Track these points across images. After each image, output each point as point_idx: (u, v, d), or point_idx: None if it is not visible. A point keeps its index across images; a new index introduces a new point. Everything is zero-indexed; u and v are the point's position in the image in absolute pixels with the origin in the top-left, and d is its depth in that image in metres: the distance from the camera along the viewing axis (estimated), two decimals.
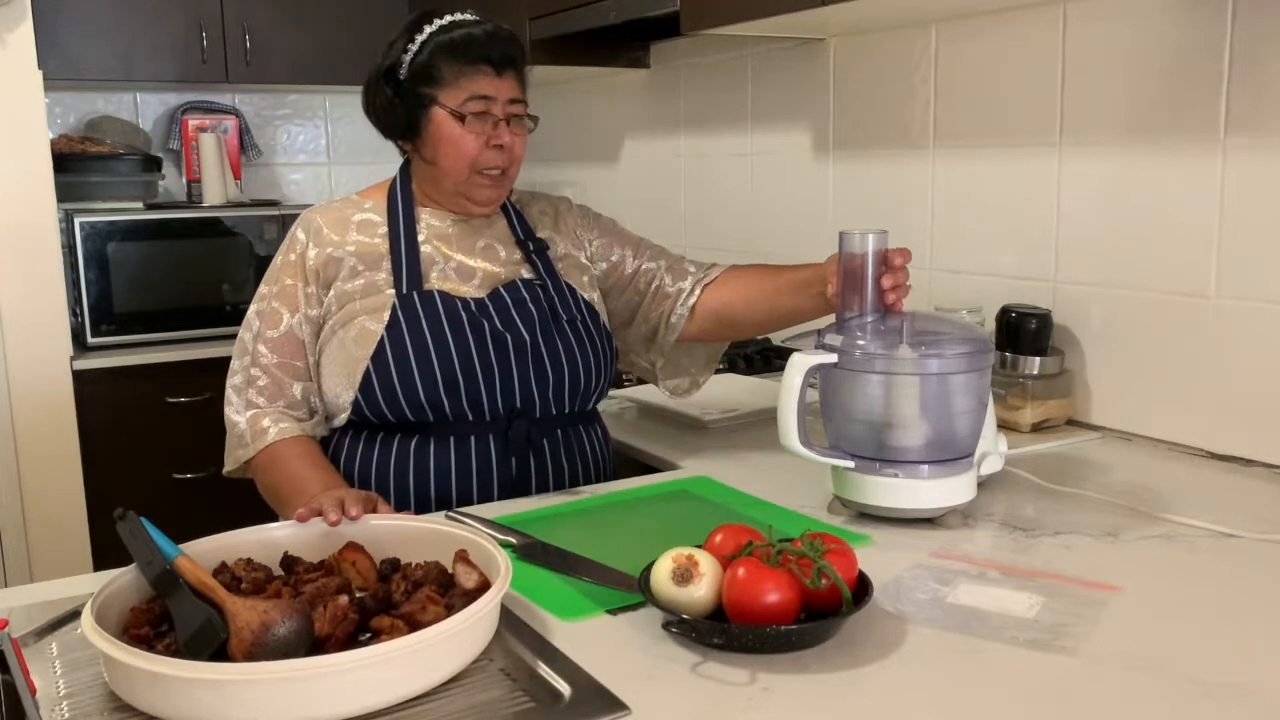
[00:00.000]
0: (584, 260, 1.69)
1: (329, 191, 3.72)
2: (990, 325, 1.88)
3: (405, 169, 1.64)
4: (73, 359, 2.80)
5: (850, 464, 1.36)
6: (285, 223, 3.03)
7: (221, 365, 1.61)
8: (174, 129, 3.43)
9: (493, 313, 1.54)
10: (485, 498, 1.53)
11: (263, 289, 1.60)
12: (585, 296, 1.63)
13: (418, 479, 1.53)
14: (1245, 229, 1.62)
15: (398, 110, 1.55)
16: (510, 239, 1.63)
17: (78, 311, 2.90)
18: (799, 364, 1.34)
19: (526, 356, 1.53)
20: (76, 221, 2.85)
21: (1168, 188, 1.71)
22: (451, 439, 1.53)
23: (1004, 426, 1.73)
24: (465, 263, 1.58)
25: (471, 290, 1.56)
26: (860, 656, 1.01)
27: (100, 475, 2.83)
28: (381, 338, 1.49)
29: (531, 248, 1.63)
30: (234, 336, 1.61)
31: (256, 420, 1.53)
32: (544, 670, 0.98)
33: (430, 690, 0.94)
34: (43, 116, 2.72)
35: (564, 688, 0.95)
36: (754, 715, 0.91)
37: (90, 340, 2.89)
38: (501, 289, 1.57)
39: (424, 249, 1.57)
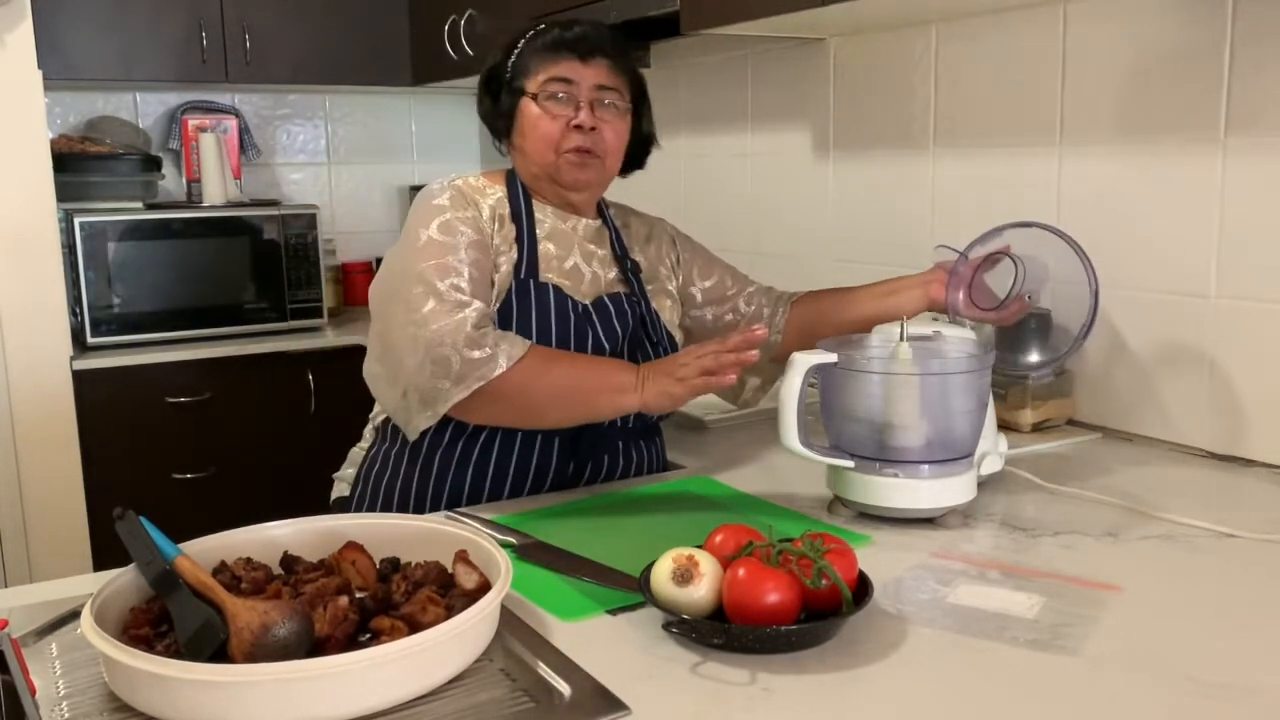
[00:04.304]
0: (670, 288, 1.71)
1: (329, 191, 3.72)
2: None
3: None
4: (73, 359, 2.79)
5: (850, 464, 1.35)
6: (285, 223, 3.01)
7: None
8: (174, 129, 3.43)
9: (595, 320, 1.55)
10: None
11: (423, 231, 1.48)
12: (667, 324, 1.66)
13: (475, 473, 1.53)
14: (1245, 229, 1.62)
15: (501, 110, 1.60)
16: (611, 254, 1.65)
17: (78, 311, 2.89)
18: (799, 364, 1.34)
19: None
20: (76, 221, 2.85)
21: (1167, 188, 1.71)
22: (519, 435, 1.53)
23: (1004, 426, 1.73)
24: (578, 265, 1.59)
25: (579, 294, 1.57)
26: (860, 656, 1.01)
27: (100, 475, 2.83)
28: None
29: (629, 266, 1.65)
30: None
31: (485, 318, 1.44)
32: (544, 670, 0.98)
33: (430, 691, 0.94)
34: (43, 116, 2.72)
35: (564, 688, 0.95)
36: (754, 715, 0.91)
37: (90, 340, 2.88)
38: (605, 298, 1.58)
39: (543, 244, 1.58)
